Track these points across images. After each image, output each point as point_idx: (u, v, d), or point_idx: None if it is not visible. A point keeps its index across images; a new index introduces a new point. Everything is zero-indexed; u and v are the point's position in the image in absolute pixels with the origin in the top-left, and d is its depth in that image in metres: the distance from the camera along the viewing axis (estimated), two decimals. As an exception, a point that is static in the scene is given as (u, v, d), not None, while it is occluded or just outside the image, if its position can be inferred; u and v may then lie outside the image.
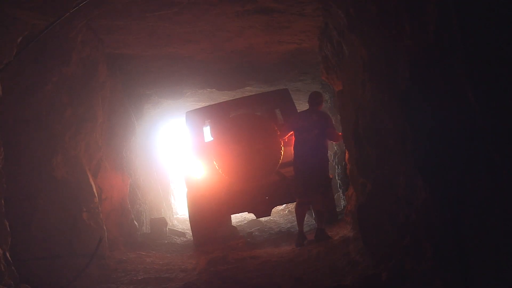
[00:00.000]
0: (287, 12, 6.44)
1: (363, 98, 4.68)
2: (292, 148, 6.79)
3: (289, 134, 6.87)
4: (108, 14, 6.10)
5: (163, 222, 9.39)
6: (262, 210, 7.57)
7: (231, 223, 8.90)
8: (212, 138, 8.08)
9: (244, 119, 7.30)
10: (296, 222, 9.19)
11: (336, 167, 10.40)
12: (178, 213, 13.20)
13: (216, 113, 8.19)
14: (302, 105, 12.52)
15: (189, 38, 7.35)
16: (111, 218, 7.45)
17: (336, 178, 10.44)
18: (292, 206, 11.15)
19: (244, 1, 6.04)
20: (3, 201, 4.60)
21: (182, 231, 9.64)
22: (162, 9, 6.12)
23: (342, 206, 8.96)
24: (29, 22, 4.78)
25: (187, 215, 8.16)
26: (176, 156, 14.52)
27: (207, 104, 10.92)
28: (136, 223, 8.52)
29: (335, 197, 8.47)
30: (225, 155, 7.12)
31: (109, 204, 7.52)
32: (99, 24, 6.46)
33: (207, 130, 9.08)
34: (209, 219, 7.46)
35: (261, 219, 9.37)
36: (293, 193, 6.68)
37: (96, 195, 6.68)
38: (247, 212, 8.42)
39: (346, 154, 6.90)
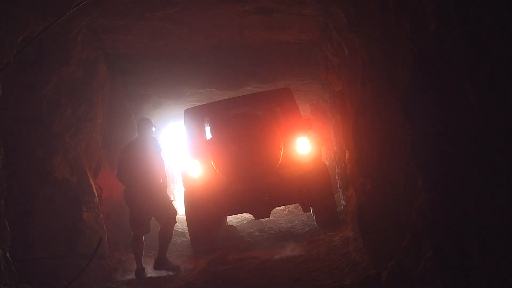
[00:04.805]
0: (287, 12, 6.44)
1: (363, 98, 4.68)
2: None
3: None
4: (108, 14, 6.10)
5: (163, 222, 9.35)
6: (261, 211, 7.47)
7: (227, 223, 8.85)
8: (210, 137, 7.98)
9: (244, 119, 7.18)
10: (295, 223, 9.23)
11: (336, 167, 10.39)
12: (178, 213, 13.18)
13: (215, 111, 8.06)
14: (301, 105, 12.53)
15: (189, 38, 7.36)
16: (111, 218, 7.45)
17: (336, 178, 10.43)
18: (292, 206, 11.15)
19: (244, 1, 6.04)
20: (3, 201, 4.60)
21: (182, 231, 9.62)
22: (162, 9, 6.13)
23: (342, 206, 8.96)
24: (29, 22, 4.78)
25: (187, 215, 8.10)
26: (176, 156, 14.51)
27: (207, 104, 10.87)
28: (136, 223, 8.51)
29: (335, 197, 8.45)
30: (223, 155, 7.00)
31: (109, 204, 7.51)
32: (99, 24, 6.46)
33: (206, 129, 9.01)
34: (206, 220, 7.35)
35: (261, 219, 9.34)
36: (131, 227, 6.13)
37: (96, 195, 6.68)
38: (246, 213, 8.39)
39: (346, 154, 6.90)
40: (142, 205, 5.92)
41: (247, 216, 10.62)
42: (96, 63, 7.04)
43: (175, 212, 6.17)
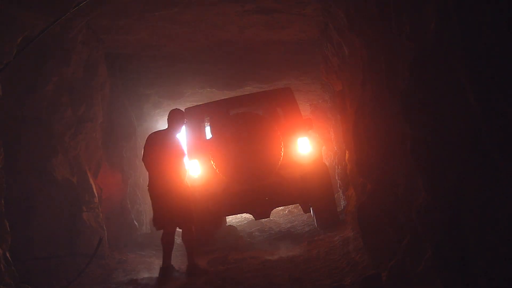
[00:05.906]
0: (287, 12, 6.45)
1: (363, 98, 4.68)
2: None
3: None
4: (108, 14, 6.10)
5: (163, 222, 9.34)
6: (261, 211, 7.45)
7: (226, 224, 8.83)
8: (211, 136, 7.95)
9: (244, 118, 7.14)
10: (295, 223, 9.23)
11: (336, 167, 10.40)
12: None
13: (216, 110, 8.03)
14: (301, 105, 12.53)
15: (189, 38, 7.36)
16: (111, 218, 7.45)
17: (336, 178, 10.44)
18: (292, 207, 11.16)
19: (244, 1, 6.04)
20: (3, 201, 4.60)
21: (182, 231, 9.62)
22: (162, 9, 6.13)
23: (342, 206, 8.96)
24: (29, 22, 4.78)
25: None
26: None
27: (207, 104, 10.86)
28: (136, 223, 8.52)
29: (335, 197, 8.45)
30: (223, 154, 6.96)
31: (109, 204, 7.51)
32: (99, 24, 6.46)
33: (206, 128, 8.99)
34: (206, 220, 7.32)
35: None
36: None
37: (96, 195, 6.68)
38: (246, 213, 8.38)
39: (346, 154, 6.89)
40: (162, 199, 5.59)
41: (247, 216, 10.63)
42: (96, 63, 7.04)
43: (191, 214, 5.73)
